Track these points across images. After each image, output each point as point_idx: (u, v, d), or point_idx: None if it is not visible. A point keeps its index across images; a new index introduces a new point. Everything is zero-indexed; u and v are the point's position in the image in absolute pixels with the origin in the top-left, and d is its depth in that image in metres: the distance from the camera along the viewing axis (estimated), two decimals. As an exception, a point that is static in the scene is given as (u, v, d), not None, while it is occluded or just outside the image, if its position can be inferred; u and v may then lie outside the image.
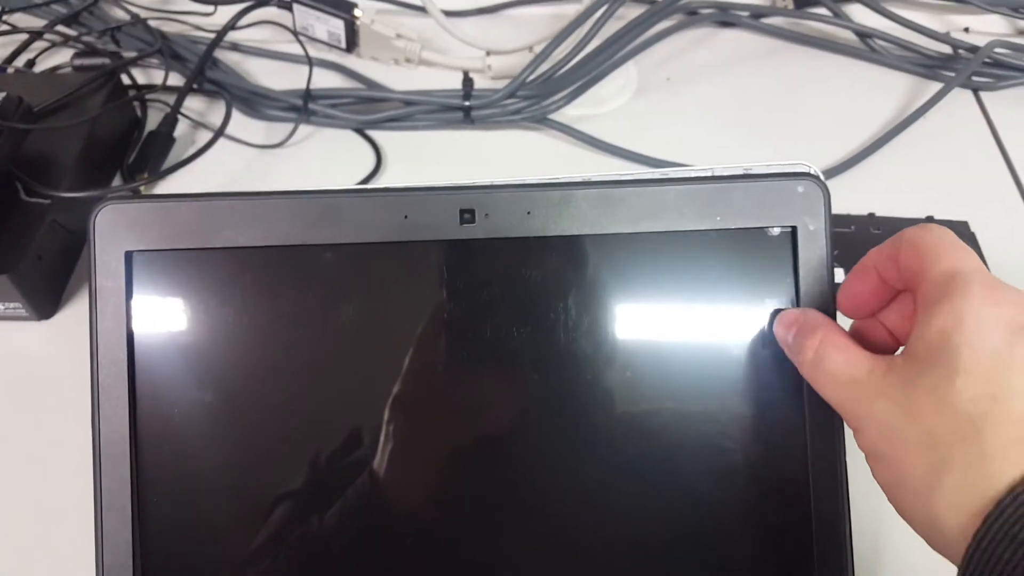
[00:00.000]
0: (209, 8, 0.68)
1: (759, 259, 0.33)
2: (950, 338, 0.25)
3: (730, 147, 0.61)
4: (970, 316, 0.25)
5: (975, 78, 0.67)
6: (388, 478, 0.32)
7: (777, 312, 0.32)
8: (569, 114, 0.63)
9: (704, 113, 0.65)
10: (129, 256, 0.32)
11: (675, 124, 0.64)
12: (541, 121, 0.62)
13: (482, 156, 0.61)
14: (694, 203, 0.33)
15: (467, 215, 0.32)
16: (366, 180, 0.58)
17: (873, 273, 0.30)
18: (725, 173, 0.33)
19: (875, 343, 0.30)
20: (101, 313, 0.31)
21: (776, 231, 0.33)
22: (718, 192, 0.33)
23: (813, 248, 0.33)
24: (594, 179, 0.33)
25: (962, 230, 0.55)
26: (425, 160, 0.61)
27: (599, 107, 0.65)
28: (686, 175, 0.34)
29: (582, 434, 0.33)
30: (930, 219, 0.54)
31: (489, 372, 0.33)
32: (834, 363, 0.28)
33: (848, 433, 0.30)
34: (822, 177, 0.33)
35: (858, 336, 0.31)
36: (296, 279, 0.32)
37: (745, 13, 0.70)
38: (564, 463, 0.33)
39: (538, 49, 0.63)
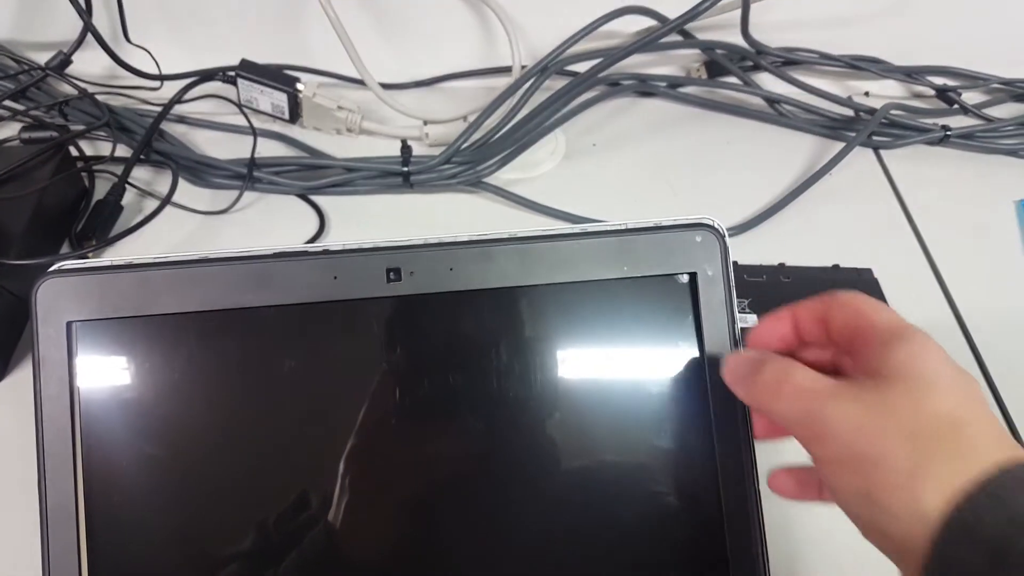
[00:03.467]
0: (156, 83, 0.71)
1: (665, 304, 0.36)
2: (918, 358, 0.28)
3: (651, 206, 0.66)
4: (931, 349, 0.28)
5: (875, 138, 0.73)
6: (328, 533, 0.34)
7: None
8: (503, 177, 0.67)
9: (628, 175, 0.69)
10: (70, 326, 0.33)
11: (601, 186, 0.68)
12: (476, 184, 0.66)
13: (421, 218, 0.64)
14: (603, 254, 0.35)
15: (393, 274, 0.34)
16: (310, 242, 0.61)
17: (788, 322, 0.33)
18: (634, 226, 0.36)
19: None
20: (45, 382, 0.32)
21: (678, 277, 0.36)
22: (624, 243, 0.36)
23: (713, 292, 0.36)
24: (512, 235, 0.36)
25: (866, 277, 0.59)
26: (367, 223, 0.64)
27: (531, 171, 0.69)
28: (595, 229, 0.36)
29: (520, 476, 0.35)
30: (836, 267, 0.59)
31: (423, 423, 0.35)
32: (801, 377, 0.30)
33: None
34: (721, 228, 0.36)
35: None
36: (233, 341, 0.34)
37: (663, 83, 0.76)
38: (504, 504, 0.35)
39: (472, 118, 0.67)
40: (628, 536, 0.36)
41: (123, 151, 0.67)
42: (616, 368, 0.36)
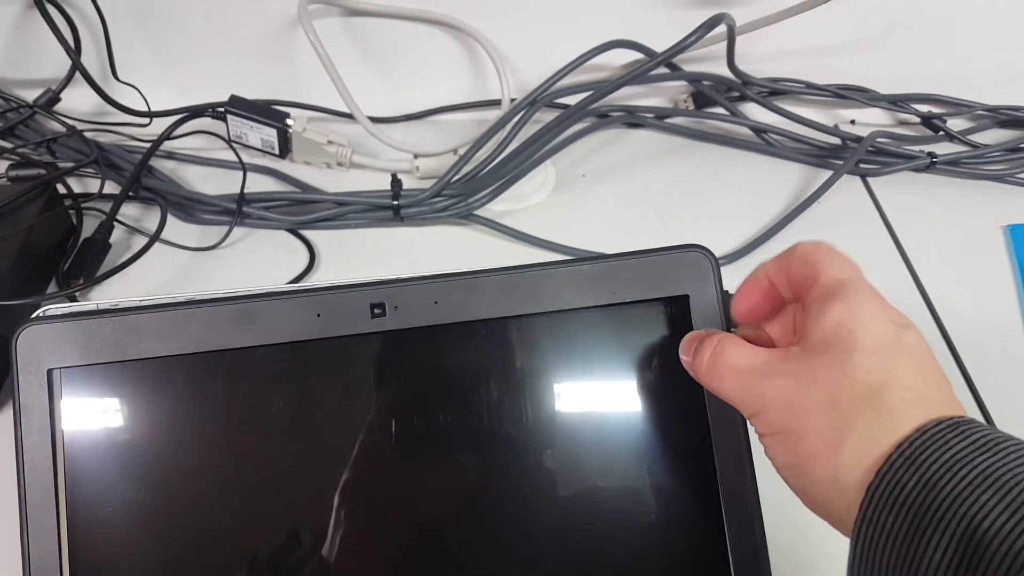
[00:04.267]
0: (144, 120, 0.71)
1: (658, 327, 0.36)
2: (845, 325, 0.28)
3: (641, 236, 0.66)
4: (862, 309, 0.28)
5: (862, 165, 0.73)
6: (320, 571, 0.33)
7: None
8: (494, 209, 0.67)
9: (617, 206, 0.69)
10: (51, 373, 0.32)
11: (591, 217, 0.68)
12: (467, 217, 0.66)
13: (412, 251, 0.64)
14: (591, 282, 0.35)
15: (378, 309, 0.34)
16: (300, 277, 0.61)
17: (765, 281, 0.33)
18: (623, 252, 0.36)
19: (768, 345, 0.33)
20: (26, 430, 0.32)
21: (670, 300, 0.36)
22: (612, 270, 0.35)
23: (706, 313, 0.35)
24: (498, 267, 0.35)
25: (856, 305, 0.59)
26: (358, 257, 0.64)
27: (521, 203, 0.69)
28: (581, 258, 0.36)
29: (514, 509, 0.35)
30: (826, 295, 0.59)
31: (412, 458, 0.34)
32: (732, 356, 0.31)
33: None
34: (711, 251, 0.36)
35: (756, 340, 0.33)
36: (217, 383, 0.34)
37: (651, 115, 0.76)
38: (498, 538, 0.35)
39: (462, 151, 0.67)
40: (630, 566, 0.35)
41: (112, 188, 0.67)
42: (610, 394, 0.36)
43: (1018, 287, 0.63)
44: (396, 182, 0.64)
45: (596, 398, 0.36)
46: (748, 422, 0.31)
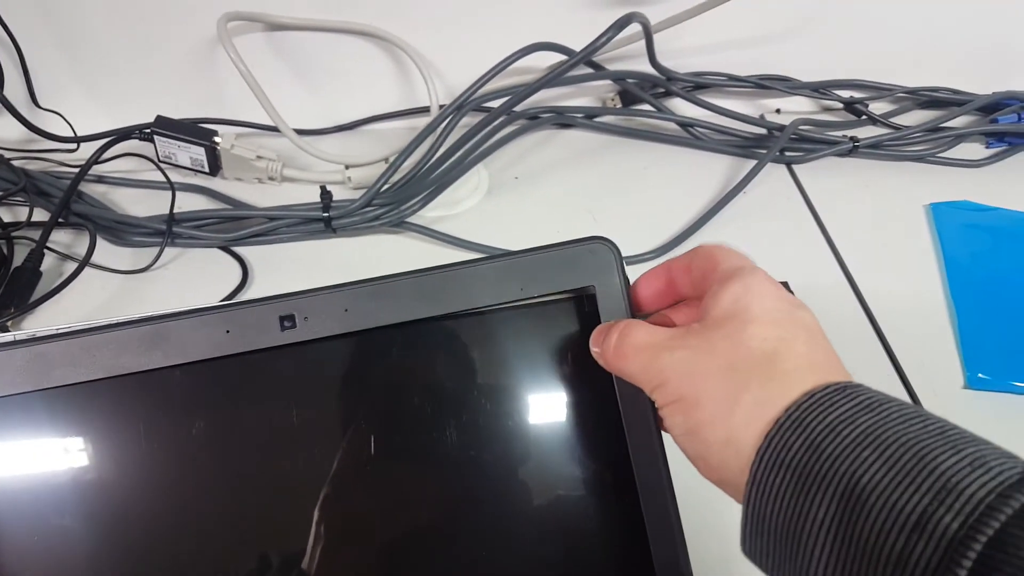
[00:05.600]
0: (72, 145, 0.70)
1: (568, 320, 0.36)
2: (742, 301, 0.29)
3: (574, 235, 0.66)
4: (756, 286, 0.29)
5: (787, 153, 0.75)
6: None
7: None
8: (427, 216, 0.68)
9: (550, 206, 0.70)
10: None
11: (524, 218, 0.69)
12: (399, 225, 0.66)
13: (346, 262, 0.65)
14: (498, 279, 0.36)
15: (287, 321, 0.34)
16: (233, 294, 0.61)
17: (665, 274, 0.35)
18: (526, 249, 0.36)
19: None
20: None
21: (576, 293, 0.36)
22: (518, 266, 0.36)
23: (612, 303, 0.36)
24: (405, 271, 0.36)
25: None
26: (292, 270, 0.64)
27: (455, 207, 0.70)
28: (488, 255, 0.37)
29: (432, 513, 0.35)
30: (752, 283, 0.60)
31: (339, 469, 0.35)
32: (635, 335, 0.32)
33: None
34: (613, 241, 0.36)
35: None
36: (129, 406, 0.34)
37: (580, 115, 0.77)
38: (411, 539, 0.35)
39: (393, 159, 0.67)
40: (557, 557, 0.36)
41: (42, 215, 0.66)
42: (524, 391, 0.36)
43: (940, 264, 0.65)
44: (326, 194, 0.65)
45: (510, 396, 0.36)
46: (651, 398, 0.31)
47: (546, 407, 0.37)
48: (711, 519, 0.38)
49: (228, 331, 0.34)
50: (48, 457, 0.33)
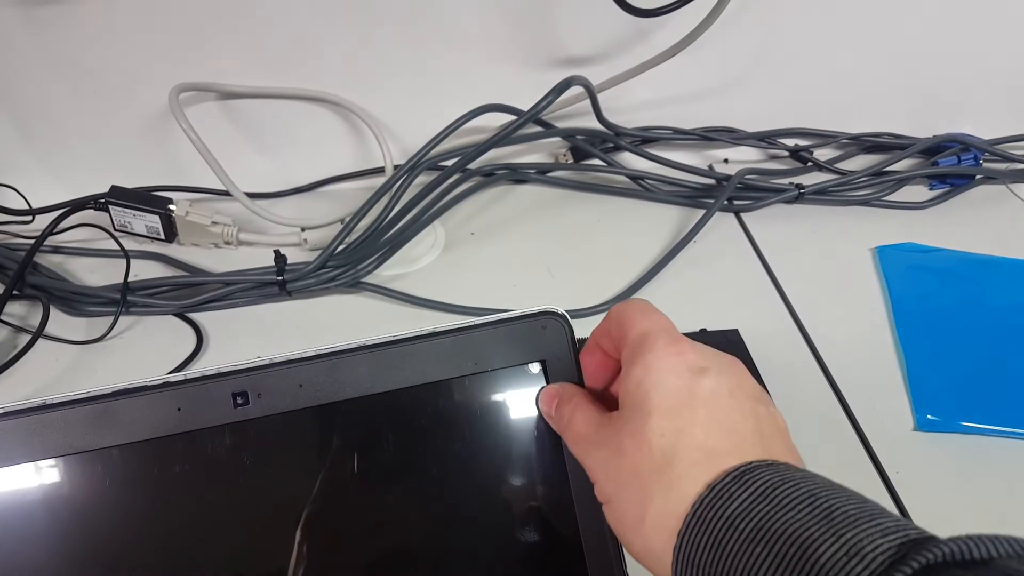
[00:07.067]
0: (27, 217, 0.71)
1: (520, 393, 0.37)
2: (642, 385, 0.29)
3: (529, 289, 0.68)
4: (656, 365, 0.29)
5: (735, 202, 0.77)
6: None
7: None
8: (383, 275, 0.68)
9: (506, 261, 0.71)
10: None
11: (481, 273, 0.70)
12: (355, 285, 0.67)
13: (302, 324, 0.65)
14: (452, 353, 0.36)
15: (240, 398, 0.34)
16: (187, 361, 0.61)
17: (597, 349, 0.35)
18: (481, 322, 0.37)
19: (613, 407, 0.34)
20: None
21: (529, 367, 0.37)
22: (471, 340, 0.36)
23: (563, 375, 0.36)
24: (359, 344, 0.36)
25: (733, 338, 0.62)
26: (248, 334, 0.64)
27: (412, 265, 0.70)
28: (443, 329, 0.37)
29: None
30: (703, 331, 0.61)
31: (281, 547, 0.34)
32: (576, 423, 0.32)
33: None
34: (565, 314, 0.37)
35: (603, 401, 0.34)
36: (75, 487, 0.33)
37: (533, 170, 0.79)
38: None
39: (348, 220, 0.68)
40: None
41: (-5, 288, 0.66)
42: (477, 462, 0.37)
43: (887, 306, 0.67)
44: (280, 257, 0.65)
45: (464, 467, 0.37)
46: None
47: (498, 478, 0.37)
48: None
49: (179, 408, 0.34)
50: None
